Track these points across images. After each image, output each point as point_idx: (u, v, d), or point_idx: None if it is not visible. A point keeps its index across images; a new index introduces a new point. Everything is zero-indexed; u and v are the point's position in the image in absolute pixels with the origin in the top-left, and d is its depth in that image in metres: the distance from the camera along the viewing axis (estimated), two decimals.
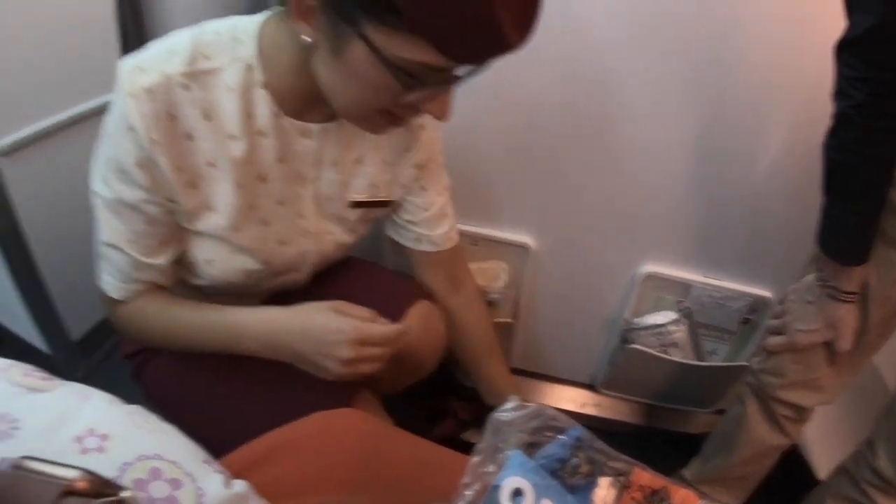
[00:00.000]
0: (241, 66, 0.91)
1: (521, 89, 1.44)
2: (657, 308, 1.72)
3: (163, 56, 0.89)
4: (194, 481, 0.73)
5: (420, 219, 1.23)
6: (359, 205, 1.13)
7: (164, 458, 0.73)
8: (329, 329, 0.97)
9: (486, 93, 1.43)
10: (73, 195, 1.75)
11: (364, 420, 0.95)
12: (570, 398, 1.98)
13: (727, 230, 1.56)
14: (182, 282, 1.11)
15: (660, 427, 1.93)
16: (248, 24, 0.93)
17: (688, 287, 1.66)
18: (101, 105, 1.69)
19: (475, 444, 0.76)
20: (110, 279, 1.02)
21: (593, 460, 0.76)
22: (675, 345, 1.68)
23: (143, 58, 0.89)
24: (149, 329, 1.07)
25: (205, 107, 0.91)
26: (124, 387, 0.86)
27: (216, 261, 1.04)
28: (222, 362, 1.08)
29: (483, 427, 0.83)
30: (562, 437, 0.77)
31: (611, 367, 1.84)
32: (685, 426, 1.92)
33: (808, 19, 1.23)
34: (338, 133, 1.04)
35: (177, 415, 0.90)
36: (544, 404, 0.79)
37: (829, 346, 1.23)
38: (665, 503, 0.75)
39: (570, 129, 1.47)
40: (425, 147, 1.16)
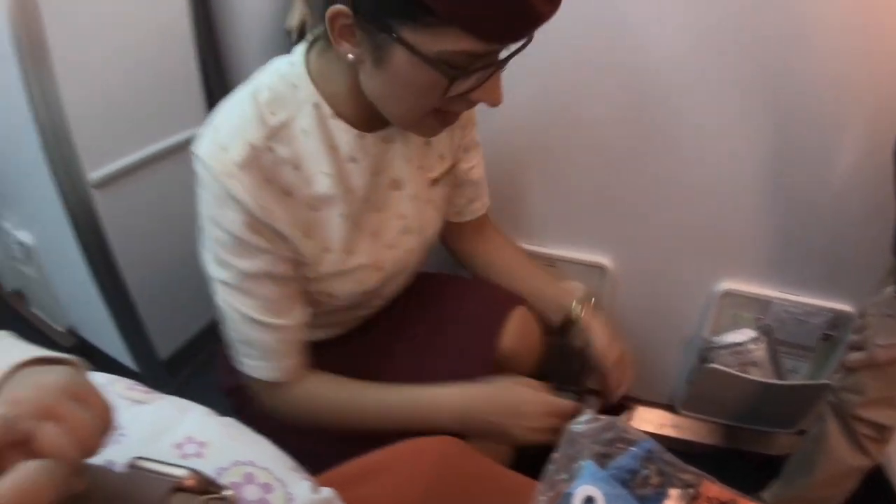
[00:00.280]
0: (309, 107, 0.94)
1: (593, 108, 1.46)
2: (735, 326, 1.68)
3: (236, 128, 0.91)
4: (284, 486, 0.76)
5: (466, 182, 1.28)
6: (436, 180, 1.16)
7: (256, 465, 0.77)
8: (526, 401, 1.07)
9: (559, 114, 1.46)
10: (160, 223, 1.85)
11: (458, 448, 0.96)
12: (648, 419, 1.95)
13: (804, 243, 1.53)
14: None
15: (740, 448, 1.89)
16: (294, 67, 0.96)
17: (766, 303, 1.62)
18: (184, 139, 1.80)
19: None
20: (258, 363, 1.04)
21: (663, 472, 0.76)
22: (754, 363, 1.65)
23: (217, 137, 0.91)
24: (323, 411, 1.10)
25: (292, 160, 0.94)
26: (209, 405, 0.90)
27: (338, 292, 1.08)
28: None
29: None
30: (633, 448, 0.78)
31: (689, 387, 1.81)
32: (766, 447, 1.87)
33: (878, 25, 1.21)
34: None
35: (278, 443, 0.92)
36: (616, 417, 0.80)
37: None
38: None
39: (641, 148, 1.48)
40: None
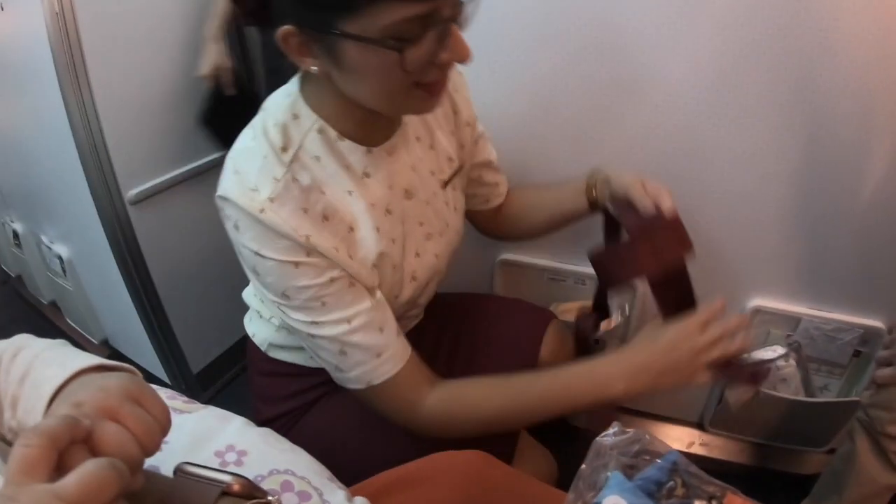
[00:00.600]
0: (314, 134, 0.96)
1: (622, 129, 1.47)
2: (765, 343, 1.67)
3: (259, 168, 0.92)
4: (321, 495, 0.78)
5: (485, 171, 1.31)
6: (447, 182, 1.18)
7: (294, 474, 0.79)
8: (673, 333, 1.01)
9: (586, 133, 1.48)
10: (194, 240, 1.91)
11: (486, 461, 0.97)
12: (677, 437, 1.94)
13: (835, 260, 1.51)
14: None
15: (770, 467, 1.87)
16: (292, 97, 0.98)
17: (796, 320, 1.61)
18: (218, 157, 1.89)
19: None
20: (375, 362, 1.01)
21: (688, 484, 0.77)
22: (784, 380, 1.64)
23: (244, 181, 0.91)
24: (478, 408, 1.06)
25: (317, 186, 0.95)
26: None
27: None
28: (373, 425, 1.15)
29: None
30: (659, 460, 0.79)
31: (718, 404, 1.80)
32: (797, 467, 1.85)
33: None
34: (407, 135, 1.08)
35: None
36: (643, 430, 0.81)
37: None
38: None
39: (671, 167, 1.48)
40: (465, 105, 1.21)
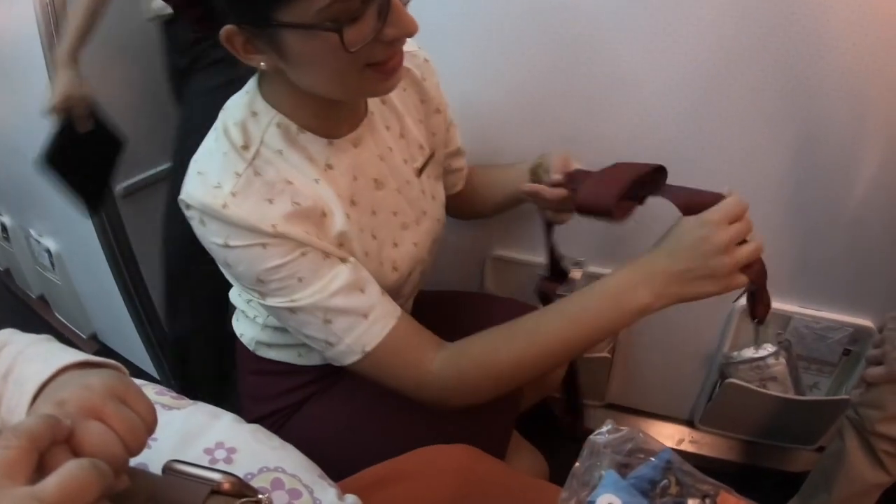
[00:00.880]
0: (273, 128, 0.95)
1: (611, 128, 1.47)
2: (756, 341, 1.68)
3: (221, 166, 0.91)
4: (311, 493, 0.78)
5: (454, 159, 1.32)
6: (421, 170, 1.18)
7: (285, 472, 0.79)
8: (690, 228, 0.91)
9: (581, 132, 1.49)
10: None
11: (475, 456, 0.98)
12: (668, 434, 1.96)
13: (824, 258, 1.52)
14: None
15: (760, 465, 1.89)
16: (248, 95, 0.98)
17: (787, 319, 1.63)
18: None
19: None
20: (366, 323, 0.98)
21: (682, 482, 0.77)
22: (774, 379, 1.65)
23: (206, 180, 0.91)
24: (487, 367, 1.00)
25: (282, 178, 0.94)
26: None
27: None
28: (363, 423, 1.16)
29: None
30: (653, 459, 0.79)
31: (709, 402, 1.82)
32: (787, 464, 1.87)
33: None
34: (374, 124, 1.08)
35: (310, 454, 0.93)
36: (637, 428, 0.81)
37: None
38: None
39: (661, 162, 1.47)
40: (435, 93, 1.21)
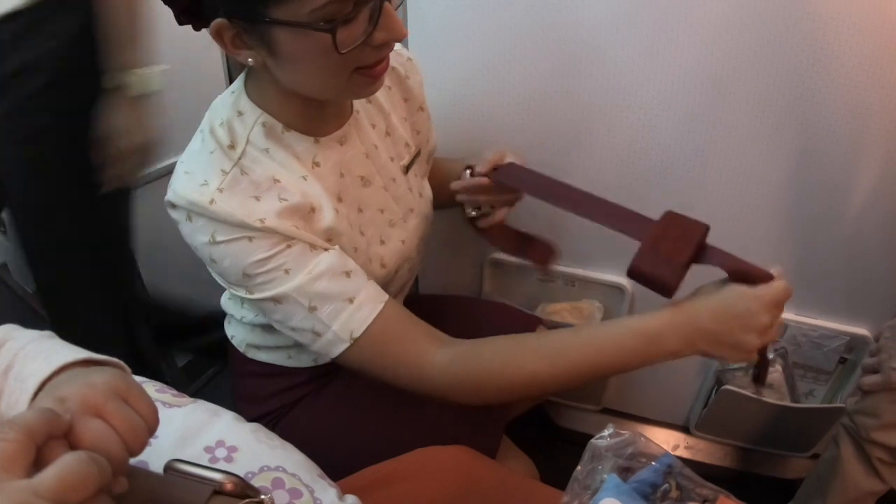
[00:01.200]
0: (259, 128, 0.95)
1: (611, 137, 1.48)
2: None
3: (207, 164, 0.92)
4: (312, 493, 0.78)
5: (430, 149, 1.31)
6: (408, 168, 1.19)
7: (285, 471, 0.79)
8: (744, 306, 0.90)
9: (578, 139, 1.49)
10: (178, 231, 1.91)
11: (471, 457, 0.99)
12: (663, 440, 1.96)
13: (821, 266, 1.52)
14: None
15: (755, 472, 1.89)
16: (235, 95, 0.98)
17: (783, 327, 1.63)
18: None
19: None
20: (354, 307, 0.96)
21: (682, 486, 0.79)
22: (769, 386, 1.66)
23: (194, 178, 0.91)
24: (498, 374, 0.98)
25: (269, 176, 0.93)
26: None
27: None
28: (356, 424, 1.17)
29: None
30: (654, 463, 0.80)
31: (704, 408, 1.82)
32: (782, 471, 1.88)
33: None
34: (360, 123, 1.08)
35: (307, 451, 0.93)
36: (638, 433, 0.82)
37: None
38: None
39: (659, 174, 1.49)
40: (417, 90, 1.22)
